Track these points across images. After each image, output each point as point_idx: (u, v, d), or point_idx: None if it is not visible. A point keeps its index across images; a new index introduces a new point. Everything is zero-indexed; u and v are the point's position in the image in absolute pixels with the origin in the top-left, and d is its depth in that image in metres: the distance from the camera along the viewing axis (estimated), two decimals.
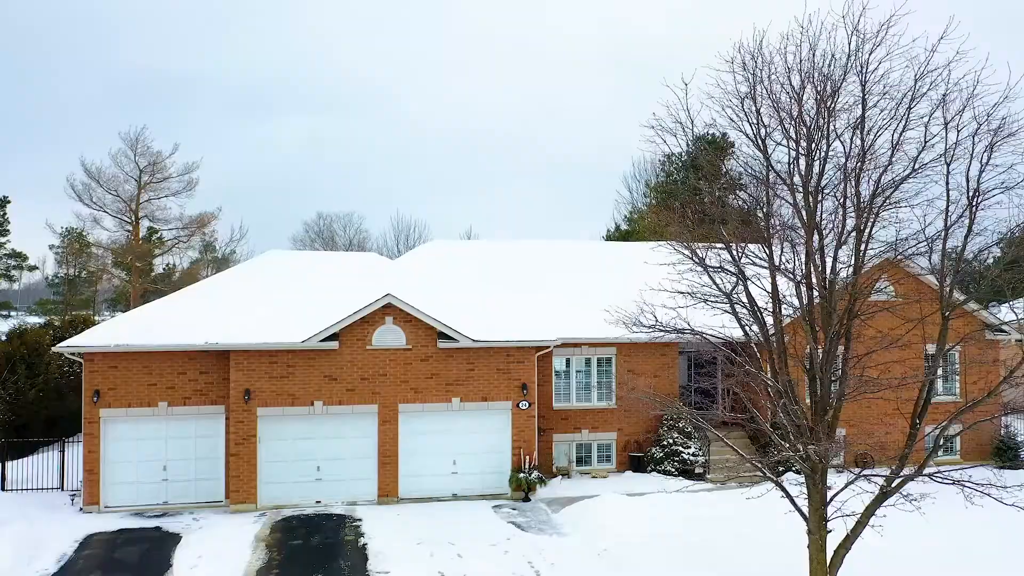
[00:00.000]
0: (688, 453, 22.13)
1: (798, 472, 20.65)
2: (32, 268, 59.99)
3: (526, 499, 20.25)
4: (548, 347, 21.39)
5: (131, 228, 40.75)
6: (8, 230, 54.30)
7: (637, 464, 22.84)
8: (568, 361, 23.27)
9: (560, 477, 22.36)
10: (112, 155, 40.99)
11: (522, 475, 20.24)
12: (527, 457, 20.64)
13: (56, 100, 65.08)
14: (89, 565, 15.89)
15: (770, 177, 12.57)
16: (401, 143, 77.58)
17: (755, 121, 12.40)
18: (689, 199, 17.26)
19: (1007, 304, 14.73)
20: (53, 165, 62.63)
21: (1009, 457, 23.66)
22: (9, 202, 53.44)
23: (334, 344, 19.76)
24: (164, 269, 43.38)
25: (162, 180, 40.39)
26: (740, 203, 15.10)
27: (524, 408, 20.85)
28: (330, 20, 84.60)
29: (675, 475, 21.97)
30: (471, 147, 77.55)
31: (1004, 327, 23.85)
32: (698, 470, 22.10)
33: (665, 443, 22.38)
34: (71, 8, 68.47)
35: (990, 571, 15.63)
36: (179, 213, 41.21)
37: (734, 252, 12.93)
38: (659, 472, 22.16)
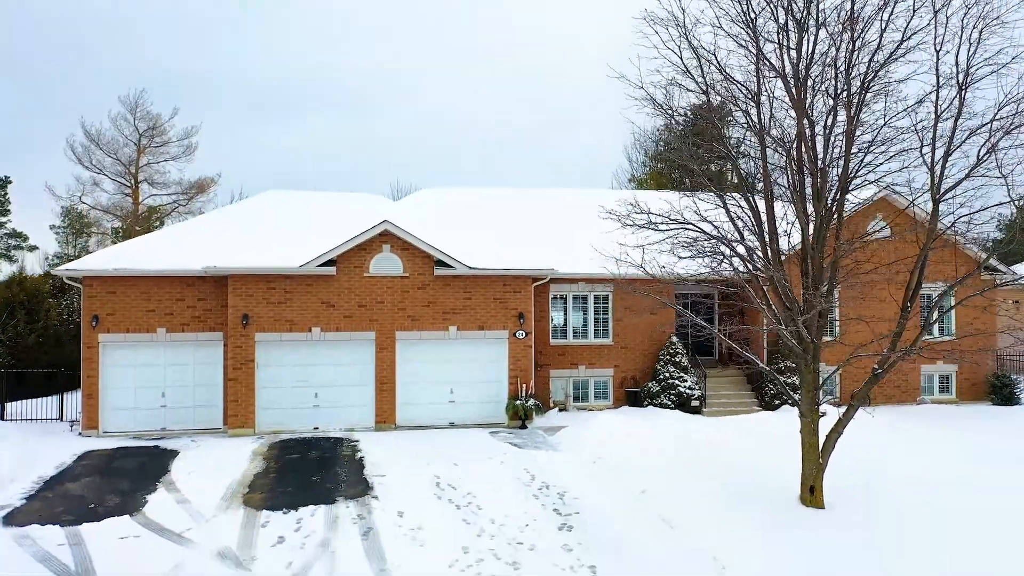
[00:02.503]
0: (684, 386, 22.18)
1: (792, 404, 20.76)
2: (32, 248, 60.29)
3: (523, 427, 20.34)
4: (545, 277, 21.50)
5: (130, 192, 40.78)
6: (9, 210, 54.56)
7: (634, 399, 22.92)
8: (565, 298, 23.37)
9: (557, 410, 22.45)
10: (112, 118, 40.99)
11: (519, 402, 20.34)
12: (524, 386, 20.73)
13: (56, 100, 65.18)
14: (87, 471, 16.00)
15: (758, 54, 12.70)
16: (402, 143, 77.79)
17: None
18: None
19: None
20: (53, 165, 62.59)
21: (1004, 395, 23.80)
22: (10, 182, 53.66)
23: (331, 270, 19.87)
24: None
25: (161, 144, 40.49)
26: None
27: (521, 337, 20.95)
28: (333, 23, 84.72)
29: (671, 408, 22.03)
30: (471, 147, 77.77)
31: (998, 267, 24.03)
32: (694, 403, 22.17)
33: (661, 377, 22.45)
34: (71, 8, 68.59)
35: (980, 458, 15.87)
36: (178, 178, 41.40)
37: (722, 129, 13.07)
38: (656, 406, 22.20)
